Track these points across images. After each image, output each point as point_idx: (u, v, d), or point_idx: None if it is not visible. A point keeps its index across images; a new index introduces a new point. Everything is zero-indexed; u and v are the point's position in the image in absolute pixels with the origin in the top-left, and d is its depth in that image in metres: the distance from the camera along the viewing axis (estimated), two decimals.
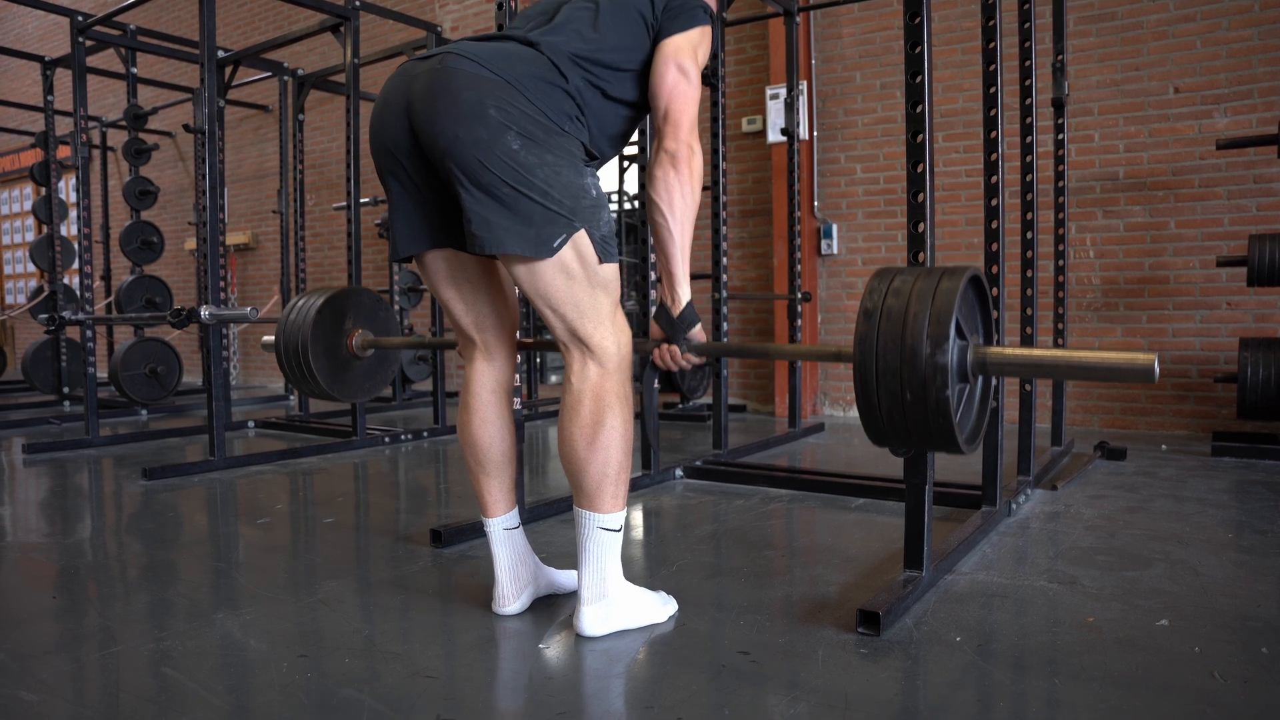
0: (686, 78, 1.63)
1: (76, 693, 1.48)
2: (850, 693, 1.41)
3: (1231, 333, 3.97)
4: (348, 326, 2.21)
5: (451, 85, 1.49)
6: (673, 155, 1.60)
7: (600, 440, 1.58)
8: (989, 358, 1.39)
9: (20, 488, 3.36)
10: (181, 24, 7.95)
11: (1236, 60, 3.93)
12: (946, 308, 1.31)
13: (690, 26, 1.65)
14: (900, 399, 1.30)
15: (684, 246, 1.65)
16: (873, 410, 1.33)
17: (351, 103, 4.13)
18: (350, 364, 2.22)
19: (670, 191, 1.61)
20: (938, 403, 1.27)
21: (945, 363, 1.28)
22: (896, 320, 1.33)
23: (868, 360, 1.33)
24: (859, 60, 4.87)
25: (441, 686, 1.46)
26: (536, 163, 1.49)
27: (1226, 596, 1.84)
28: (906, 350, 1.29)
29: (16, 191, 10.35)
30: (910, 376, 1.29)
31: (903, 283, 1.37)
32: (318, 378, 2.13)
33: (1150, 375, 1.25)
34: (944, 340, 1.28)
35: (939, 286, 1.34)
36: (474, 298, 1.73)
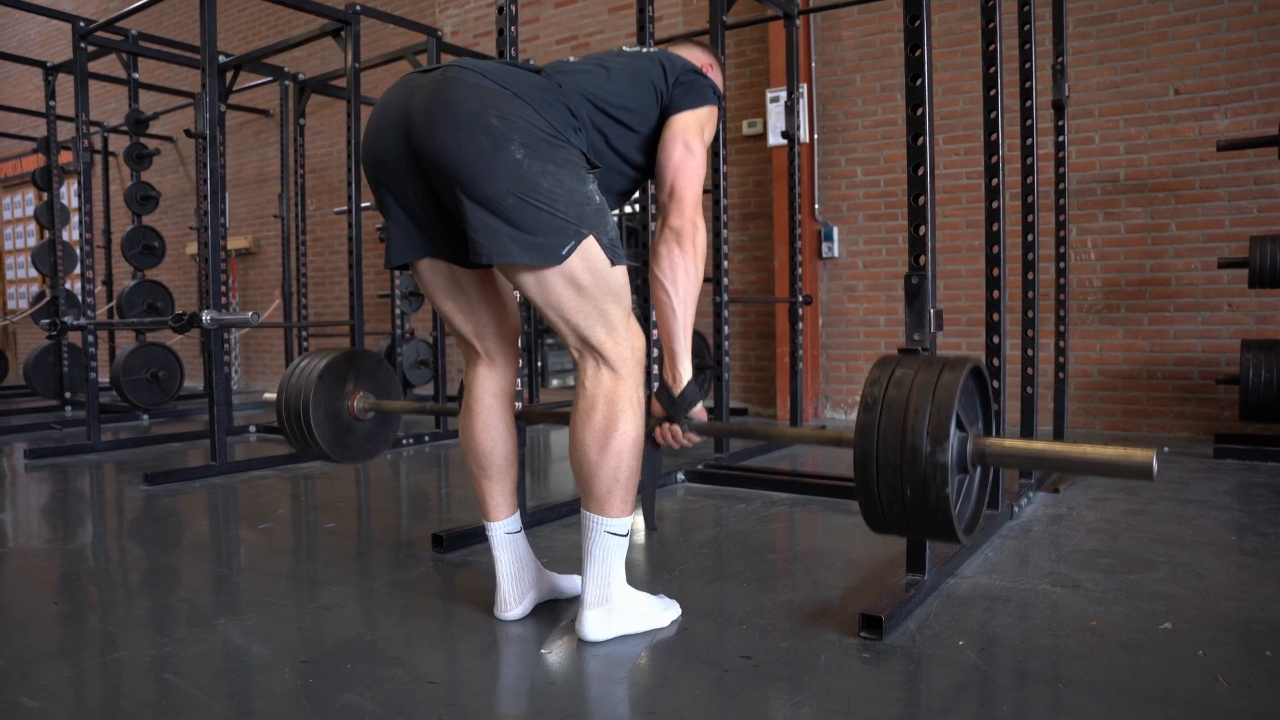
0: (693, 155, 1.64)
1: (78, 699, 1.48)
2: (853, 697, 1.41)
3: (1233, 334, 3.96)
4: (349, 389, 2.21)
5: (453, 96, 1.49)
6: (678, 233, 1.61)
7: (613, 445, 1.58)
8: (989, 450, 1.39)
9: (22, 493, 3.36)
10: (183, 29, 7.97)
11: (1236, 62, 3.93)
12: (947, 402, 1.31)
13: (700, 105, 1.68)
14: (900, 495, 1.31)
15: (687, 325, 1.65)
16: (873, 503, 1.35)
17: (352, 107, 4.13)
18: (351, 427, 2.22)
19: (675, 269, 1.62)
20: (938, 500, 1.29)
21: (945, 461, 1.28)
22: (897, 414, 1.33)
23: (868, 453, 1.34)
24: (859, 63, 4.87)
25: (444, 692, 1.46)
26: (540, 171, 1.48)
27: (1230, 599, 1.84)
28: (907, 448, 1.30)
29: (18, 197, 10.36)
30: (910, 474, 1.30)
31: (904, 374, 1.38)
32: (319, 442, 2.13)
33: (1149, 473, 1.25)
34: (944, 439, 1.29)
35: (940, 380, 1.35)
36: (472, 307, 1.73)
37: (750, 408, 5.30)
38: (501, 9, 2.46)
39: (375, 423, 2.27)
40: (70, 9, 9.08)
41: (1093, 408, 4.32)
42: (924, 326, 1.88)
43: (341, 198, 7.02)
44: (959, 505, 1.37)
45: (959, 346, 4.59)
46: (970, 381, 1.43)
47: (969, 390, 1.43)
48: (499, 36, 2.48)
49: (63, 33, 9.27)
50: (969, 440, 1.38)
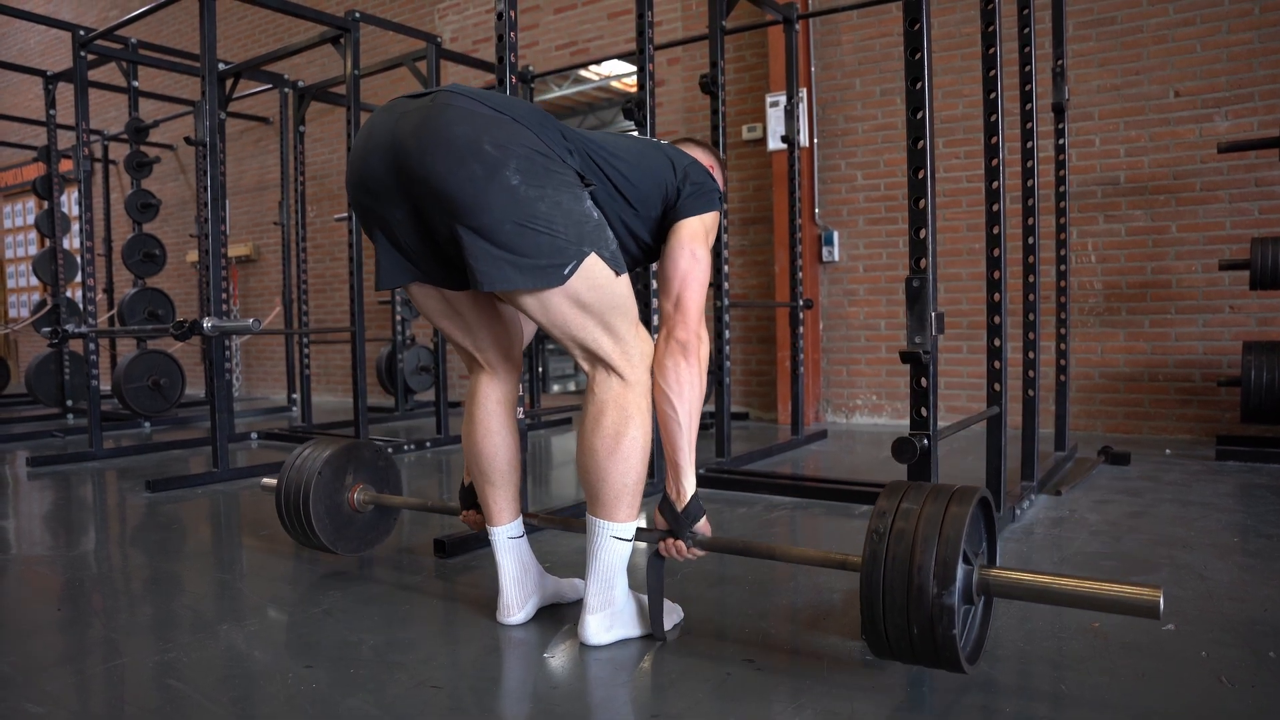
0: (699, 264, 1.65)
1: (82, 705, 1.48)
2: (855, 700, 1.40)
3: (1234, 336, 3.96)
4: (349, 482, 2.21)
5: (444, 121, 1.45)
6: (684, 346, 1.61)
7: (622, 451, 1.58)
8: (993, 582, 1.41)
9: (24, 501, 3.36)
10: (182, 37, 7.99)
11: (1237, 63, 3.93)
12: (954, 543, 1.32)
13: (706, 211, 1.69)
14: (907, 632, 1.33)
15: (691, 438, 1.64)
16: (879, 636, 1.37)
17: (352, 114, 4.14)
18: (351, 519, 2.23)
19: (681, 382, 1.61)
20: (944, 640, 1.31)
21: (952, 604, 1.30)
22: (904, 549, 1.34)
23: (875, 588, 1.36)
24: (859, 67, 4.88)
25: (447, 696, 1.46)
26: (537, 196, 1.45)
27: (1232, 601, 1.84)
28: (914, 589, 1.32)
29: (19, 205, 10.38)
30: (917, 613, 1.32)
31: (910, 506, 1.39)
32: (320, 536, 2.14)
33: (1155, 613, 1.26)
34: (951, 582, 1.30)
35: (946, 516, 1.36)
36: (469, 324, 1.72)
37: (751, 412, 5.30)
38: (501, 15, 2.46)
39: (375, 514, 2.29)
40: (70, 18, 9.11)
41: (1094, 410, 4.32)
42: (925, 329, 1.89)
43: (341, 204, 7.03)
44: (964, 638, 1.39)
45: (960, 349, 4.59)
46: (978, 513, 1.45)
47: (975, 521, 1.45)
48: (498, 43, 2.48)
49: (63, 41, 9.29)
50: (974, 572, 1.40)
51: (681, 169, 1.70)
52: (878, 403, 4.93)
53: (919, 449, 1.91)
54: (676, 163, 1.71)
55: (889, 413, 4.90)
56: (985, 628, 1.48)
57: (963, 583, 1.35)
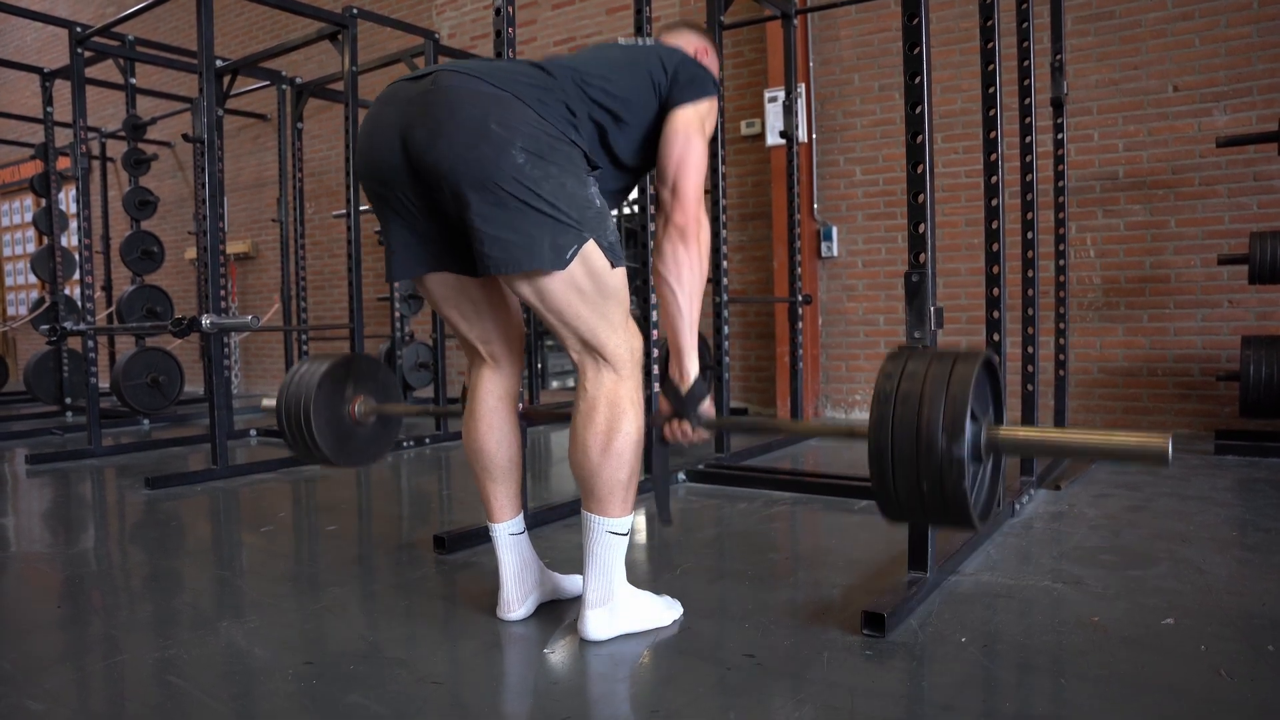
0: (695, 150, 1.63)
1: (82, 702, 1.48)
2: (856, 694, 1.41)
3: (1233, 331, 3.96)
4: (349, 394, 2.20)
5: (449, 103, 1.46)
6: (682, 230, 1.61)
7: (615, 446, 1.58)
8: (1001, 439, 1.41)
9: (24, 498, 3.36)
10: (179, 34, 7.97)
11: (1235, 58, 3.93)
12: (961, 396, 1.32)
13: (700, 98, 1.66)
14: (917, 488, 1.32)
15: (693, 321, 1.64)
16: (889, 494, 1.36)
17: (350, 110, 4.13)
18: (353, 431, 2.21)
19: (680, 266, 1.61)
20: (955, 493, 1.30)
21: (961, 456, 1.29)
22: (911, 407, 1.34)
23: (884, 447, 1.35)
24: (857, 62, 4.87)
25: (447, 692, 1.46)
26: (542, 175, 1.47)
27: (1231, 595, 1.84)
28: (923, 443, 1.31)
29: (17, 203, 10.37)
30: (927, 468, 1.31)
31: (917, 367, 1.38)
32: (322, 448, 2.12)
33: (1163, 458, 1.25)
34: (960, 434, 1.30)
35: (953, 373, 1.35)
36: (479, 313, 1.72)
37: (750, 407, 5.30)
38: (499, 10, 2.46)
39: (377, 426, 2.26)
40: (67, 15, 9.09)
41: (1093, 405, 4.32)
42: (924, 324, 1.89)
43: (340, 201, 7.02)
44: (974, 494, 1.38)
45: (959, 344, 4.59)
46: (983, 374, 1.44)
47: (981, 382, 1.43)
48: (496, 38, 2.48)
49: (59, 38, 9.27)
50: (982, 431, 1.39)
51: (672, 65, 1.67)
52: None
53: None
54: (667, 62, 1.68)
55: None
56: (995, 488, 1.47)
57: (971, 440, 1.34)
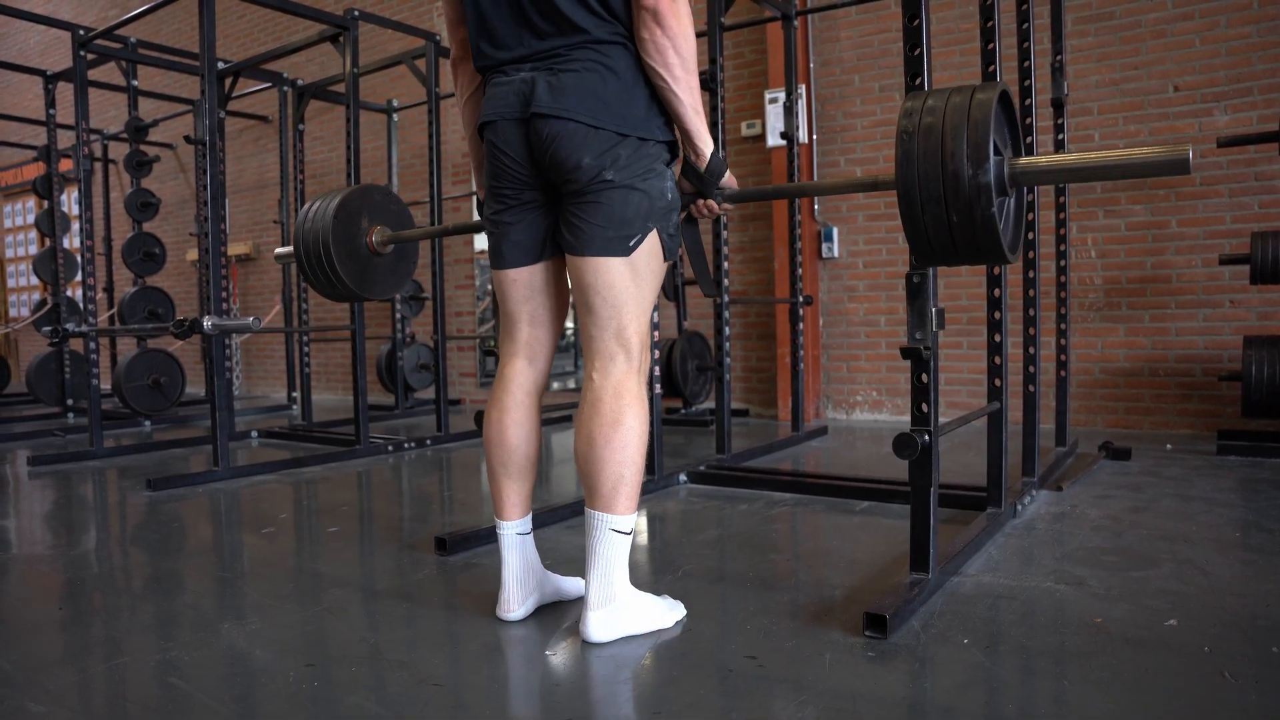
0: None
1: (83, 703, 1.48)
2: (858, 696, 1.40)
3: (1235, 331, 3.96)
4: (365, 225, 2.19)
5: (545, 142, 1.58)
6: (654, 11, 1.53)
7: (619, 438, 1.58)
8: (1023, 169, 1.41)
9: (25, 500, 3.36)
10: (181, 36, 7.98)
11: (1236, 58, 3.93)
12: (984, 123, 1.32)
13: None
14: (946, 221, 1.32)
15: (693, 102, 1.62)
16: (920, 233, 1.36)
17: (351, 112, 4.14)
18: (372, 261, 2.20)
19: (663, 50, 1.56)
20: (984, 220, 1.30)
21: (988, 182, 1.30)
22: (935, 141, 1.35)
23: (911, 185, 1.35)
24: (857, 63, 4.87)
25: (448, 694, 1.46)
26: (628, 181, 1.58)
27: (1235, 596, 1.83)
28: (949, 174, 1.31)
29: (19, 205, 10.38)
30: (955, 199, 1.31)
31: (936, 102, 1.39)
32: (344, 279, 2.11)
33: (1185, 166, 1.26)
34: (985, 160, 1.30)
35: (973, 101, 1.35)
36: (544, 302, 1.77)
37: (751, 409, 5.30)
38: None
39: (394, 256, 2.26)
40: (69, 17, 9.10)
41: (1095, 405, 4.31)
42: (926, 325, 1.88)
43: None
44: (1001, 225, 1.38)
45: (960, 345, 4.59)
46: (1000, 106, 1.44)
47: (999, 115, 1.44)
48: None
49: (62, 41, 9.29)
50: (1005, 163, 1.40)
51: None
52: (878, 399, 4.93)
53: (920, 445, 1.91)
54: None
55: (889, 409, 4.90)
56: (1020, 225, 1.48)
57: (995, 172, 1.35)
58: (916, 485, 1.88)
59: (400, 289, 2.31)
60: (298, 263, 2.18)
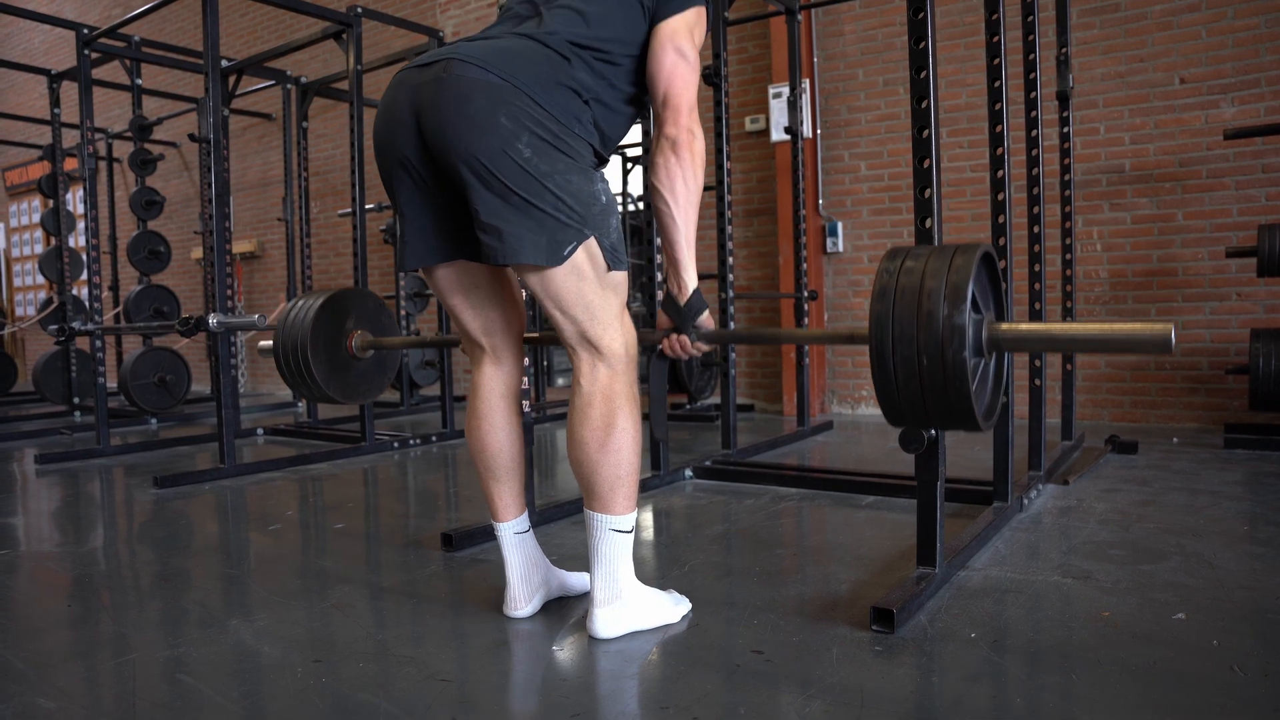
0: (685, 60, 1.60)
1: (93, 700, 1.48)
2: (865, 690, 1.40)
3: (1242, 324, 3.94)
4: (348, 327, 2.18)
5: (459, 95, 1.47)
6: (673, 141, 1.58)
7: (612, 442, 1.58)
8: (1002, 333, 1.37)
9: (33, 498, 3.37)
10: (185, 34, 7.99)
11: (1243, 49, 3.91)
12: (963, 279, 1.29)
13: (686, 7, 1.63)
14: (916, 365, 1.28)
15: (688, 233, 1.62)
16: (889, 384, 1.32)
17: (355, 109, 4.14)
18: (349, 365, 2.18)
19: (673, 178, 1.58)
20: (955, 366, 1.25)
21: (962, 324, 1.26)
22: (911, 293, 1.32)
23: (883, 333, 1.31)
24: (861, 57, 4.86)
25: (455, 690, 1.46)
26: (548, 170, 1.48)
27: (1243, 589, 1.83)
28: (923, 315, 1.28)
29: (25, 204, 10.40)
30: (927, 341, 1.27)
31: (915, 261, 1.37)
32: (315, 378, 2.08)
33: (1167, 345, 1.23)
34: (961, 303, 1.26)
35: (953, 263, 1.33)
36: (483, 305, 1.72)
37: (756, 404, 5.29)
38: None
39: (373, 362, 2.24)
40: (73, 17, 9.11)
41: (1100, 399, 4.30)
42: None
43: (345, 200, 7.03)
44: (975, 385, 1.34)
45: None
46: (982, 266, 1.41)
47: (981, 276, 1.41)
48: None
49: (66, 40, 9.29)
50: (984, 324, 1.36)
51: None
52: None
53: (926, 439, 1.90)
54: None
55: None
56: (998, 392, 1.44)
57: (973, 333, 1.31)
58: (923, 479, 1.88)
59: (375, 395, 2.29)
60: (275, 356, 2.16)
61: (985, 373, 1.42)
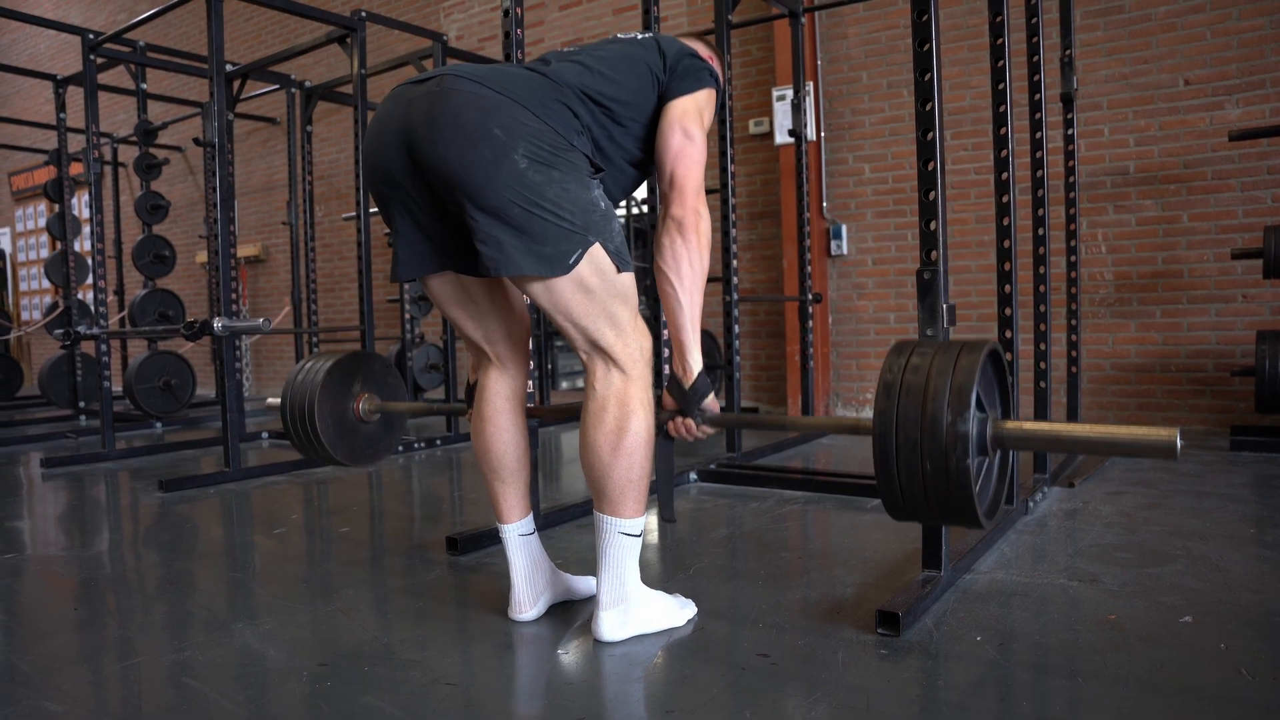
0: (692, 141, 1.62)
1: (99, 703, 1.48)
2: (871, 694, 1.40)
3: (1248, 326, 3.93)
4: (355, 390, 2.19)
5: (452, 107, 1.46)
6: (679, 222, 1.59)
7: (625, 446, 1.57)
8: (1008, 433, 1.38)
9: (39, 501, 3.38)
10: (189, 39, 8.01)
11: (1248, 50, 3.90)
12: (967, 380, 1.30)
13: (697, 89, 1.65)
14: (920, 471, 1.29)
15: (694, 316, 1.62)
16: (892, 483, 1.33)
17: (359, 113, 4.14)
18: (356, 429, 2.20)
19: (679, 260, 1.59)
20: (958, 473, 1.27)
21: (966, 431, 1.27)
22: (916, 394, 1.32)
23: (887, 433, 1.32)
24: (865, 60, 4.86)
25: (461, 693, 1.46)
26: (544, 180, 1.47)
27: (1250, 592, 1.82)
28: (927, 420, 1.28)
29: (31, 209, 10.44)
30: (930, 447, 1.28)
31: (921, 358, 1.37)
32: (322, 441, 2.10)
33: (1172, 451, 1.24)
34: (965, 409, 1.27)
35: (958, 362, 1.33)
36: (482, 314, 1.72)
37: (761, 407, 5.29)
38: (507, 12, 2.46)
39: (380, 425, 2.25)
40: (79, 22, 9.15)
41: (1106, 401, 4.29)
42: (937, 321, 1.88)
43: (349, 204, 7.04)
44: (979, 485, 1.35)
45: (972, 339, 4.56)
46: (988, 364, 1.42)
47: (987, 373, 1.42)
48: (505, 39, 2.48)
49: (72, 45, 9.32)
50: (989, 422, 1.36)
51: (670, 54, 1.67)
52: None
53: None
54: (666, 52, 1.67)
55: None
56: (1002, 488, 1.44)
57: (977, 429, 1.31)
58: None
59: (383, 457, 2.29)
60: (282, 416, 2.18)
61: (989, 470, 1.43)
